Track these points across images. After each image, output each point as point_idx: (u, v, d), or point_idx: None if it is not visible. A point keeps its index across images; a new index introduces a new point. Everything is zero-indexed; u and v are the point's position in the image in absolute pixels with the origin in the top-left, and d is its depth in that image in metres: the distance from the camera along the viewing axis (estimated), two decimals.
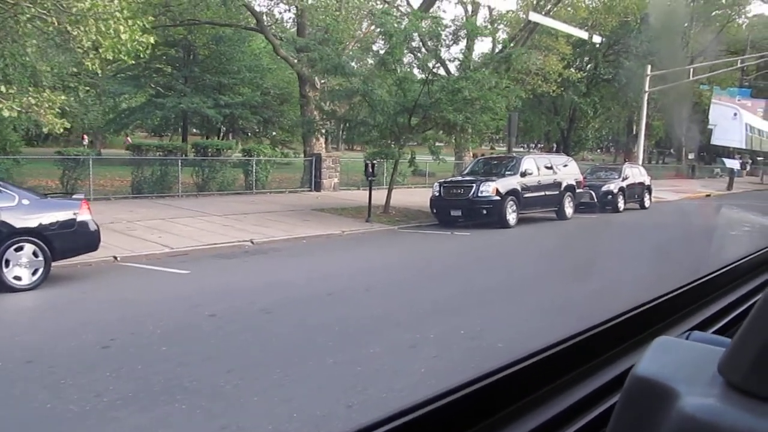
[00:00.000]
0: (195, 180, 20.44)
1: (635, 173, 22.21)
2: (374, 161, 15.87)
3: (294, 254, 11.62)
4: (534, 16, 28.47)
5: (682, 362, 0.73)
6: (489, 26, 27.28)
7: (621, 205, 20.61)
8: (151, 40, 12.12)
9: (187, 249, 11.60)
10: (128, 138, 42.67)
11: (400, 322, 6.53)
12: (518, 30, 28.78)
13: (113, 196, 17.96)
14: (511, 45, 29.07)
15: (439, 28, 16.48)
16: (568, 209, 17.75)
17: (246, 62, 35.73)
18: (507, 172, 16.25)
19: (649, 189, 22.72)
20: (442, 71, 18.83)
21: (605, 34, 32.60)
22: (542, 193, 16.59)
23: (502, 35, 29.49)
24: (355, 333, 6.20)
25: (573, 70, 28.53)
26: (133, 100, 40.32)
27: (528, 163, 16.35)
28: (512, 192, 15.49)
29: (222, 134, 43.54)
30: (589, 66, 33.05)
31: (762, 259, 1.87)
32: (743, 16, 38.39)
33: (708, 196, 32.02)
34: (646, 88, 27.84)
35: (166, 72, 40.40)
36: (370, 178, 15.75)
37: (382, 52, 15.69)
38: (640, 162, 28.07)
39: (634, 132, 43.06)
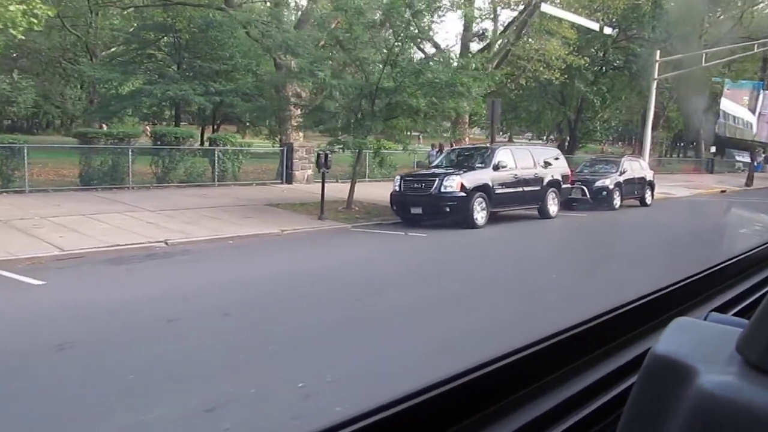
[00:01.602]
0: (154, 171, 18.95)
1: (635, 167, 20.17)
2: (328, 152, 14.13)
3: (203, 258, 10.00)
4: (546, 8, 26.42)
5: (700, 341, 0.74)
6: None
7: (617, 202, 18.65)
8: (50, 12, 10.51)
9: (83, 251, 10.04)
10: (147, 127, 40.94)
11: (226, 366, 4.85)
12: (518, 12, 26.72)
13: (52, 189, 16.49)
14: (508, 29, 27.31)
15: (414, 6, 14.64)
16: (552, 207, 15.87)
17: (241, 47, 34.04)
18: (478, 165, 14.42)
19: (650, 184, 20.68)
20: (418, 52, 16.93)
21: (614, 18, 30.38)
22: (520, 189, 14.74)
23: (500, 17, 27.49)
24: (154, 383, 4.54)
25: (576, 57, 26.27)
26: (125, 88, 39.04)
27: (502, 155, 14.49)
28: (481, 187, 13.67)
29: (217, 124, 42.11)
30: (596, 52, 30.76)
31: None
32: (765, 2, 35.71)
33: (723, 192, 29.78)
34: (655, 75, 25.65)
35: (158, 58, 39.06)
36: (322, 170, 14.04)
37: (334, 29, 13.84)
38: (647, 155, 25.96)
39: (661, 121, 40.74)
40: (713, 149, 44.52)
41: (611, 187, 18.51)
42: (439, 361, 4.66)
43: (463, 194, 13.23)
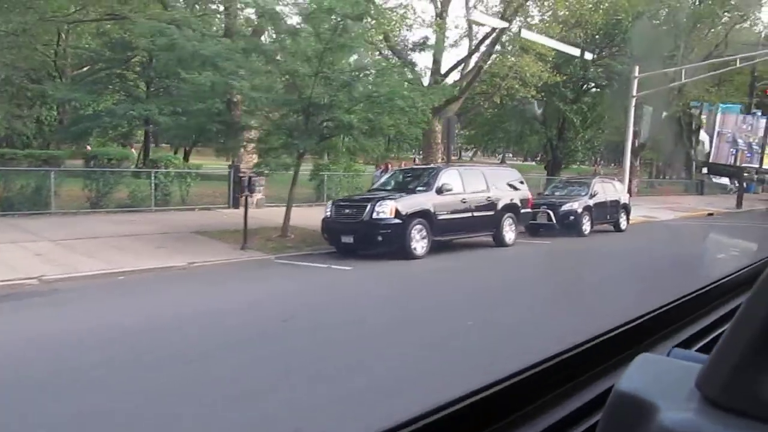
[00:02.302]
0: (88, 195, 17.52)
1: (608, 189, 18.72)
2: (252, 174, 12.70)
3: (70, 301, 8.52)
4: (526, 34, 25.19)
5: (662, 378, 0.74)
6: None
7: (586, 227, 17.15)
8: None
9: None
10: (88, 147, 39.81)
11: None
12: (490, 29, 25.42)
13: None
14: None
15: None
16: (509, 234, 14.39)
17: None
18: (419, 189, 12.98)
19: (625, 208, 19.22)
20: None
21: (595, 35, 29.18)
22: (469, 215, 13.26)
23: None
24: None
25: (552, 74, 24.93)
26: (93, 108, 37.83)
27: (447, 177, 13.03)
28: (421, 213, 12.20)
29: (190, 146, 40.78)
30: (576, 70, 29.44)
31: (745, 276, 1.84)
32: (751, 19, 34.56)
33: (710, 215, 28.34)
34: (634, 92, 24.34)
35: (127, 78, 38.05)
36: (244, 195, 12.60)
37: (251, 33, 12.42)
38: (627, 175, 24.55)
39: (636, 144, 39.52)
40: (705, 170, 43.31)
41: (579, 211, 17.04)
42: None
43: (398, 221, 11.76)
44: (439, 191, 12.66)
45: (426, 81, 26.27)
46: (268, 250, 12.82)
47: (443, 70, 27.08)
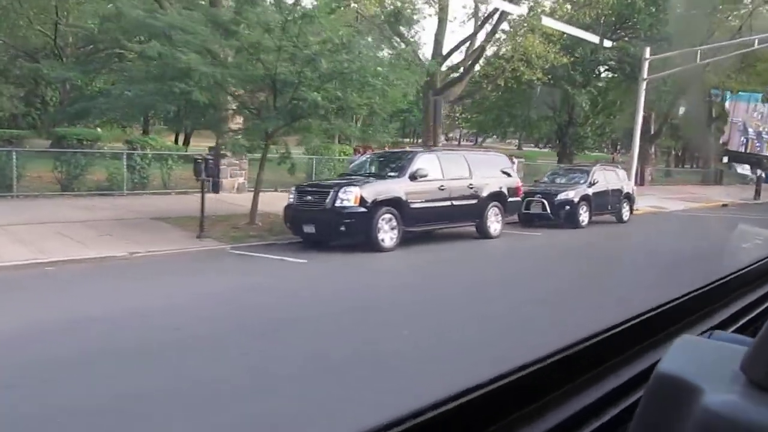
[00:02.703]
0: (58, 177, 16.69)
1: (610, 178, 17.46)
2: (210, 157, 11.71)
3: None
4: (547, 21, 23.78)
5: (705, 360, 0.74)
6: None
7: (584, 218, 15.94)
8: None
9: None
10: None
11: None
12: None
13: None
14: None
15: None
16: (494, 224, 13.26)
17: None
18: (390, 174, 11.88)
19: (629, 198, 17.95)
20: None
21: (607, 14, 27.63)
22: (447, 203, 12.15)
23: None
24: None
25: (558, 54, 23.50)
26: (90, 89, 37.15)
27: (423, 162, 11.91)
28: (390, 201, 11.12)
29: (190, 129, 39.97)
30: (587, 52, 27.90)
31: None
32: None
33: (725, 205, 26.86)
34: (645, 75, 22.90)
35: (127, 57, 37.35)
36: (201, 179, 11.61)
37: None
38: (635, 163, 23.20)
39: (653, 131, 37.94)
40: (725, 159, 41.67)
41: (576, 200, 15.83)
42: None
43: (363, 210, 10.69)
44: (413, 177, 11.55)
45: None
46: (227, 240, 11.84)
47: (446, 51, 25.92)
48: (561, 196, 15.78)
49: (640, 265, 10.70)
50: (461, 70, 25.31)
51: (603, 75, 30.96)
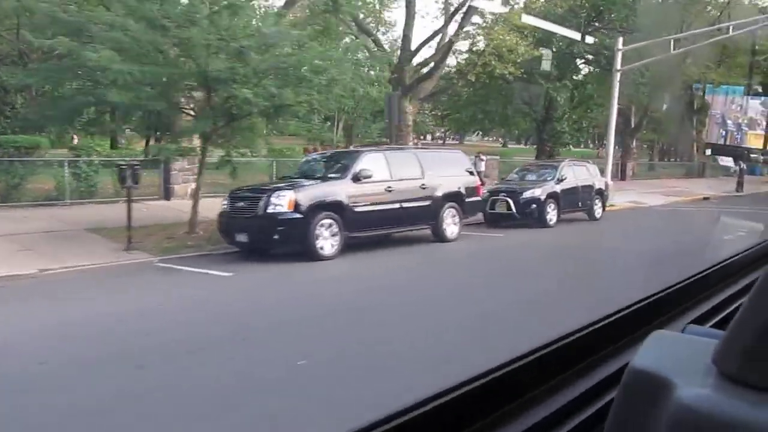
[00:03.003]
0: None
1: (580, 174, 16.65)
2: (136, 164, 10.84)
3: None
4: (527, 18, 22.98)
5: (678, 354, 0.74)
6: None
7: (551, 216, 15.13)
8: None
9: None
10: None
11: None
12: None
13: None
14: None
15: None
16: (451, 227, 12.42)
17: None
18: (331, 176, 11.02)
19: (601, 194, 17.14)
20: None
21: (578, 4, 26.91)
22: (396, 206, 11.29)
23: None
24: None
25: (525, 48, 22.70)
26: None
27: (368, 162, 11.05)
28: (329, 205, 10.26)
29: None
30: (562, 45, 27.13)
31: (758, 254, 1.85)
32: None
33: (706, 199, 26.14)
34: (618, 66, 22.12)
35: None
36: (127, 187, 10.72)
37: None
38: (610, 158, 22.42)
39: (633, 125, 37.27)
40: (708, 152, 41.15)
41: (543, 198, 15.01)
42: None
43: (298, 215, 9.82)
44: (357, 178, 10.68)
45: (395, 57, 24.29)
46: (158, 251, 10.95)
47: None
48: (527, 195, 14.96)
49: (600, 267, 9.88)
50: (431, 65, 24.50)
51: (580, 68, 30.17)
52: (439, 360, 4.83)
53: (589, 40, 27.74)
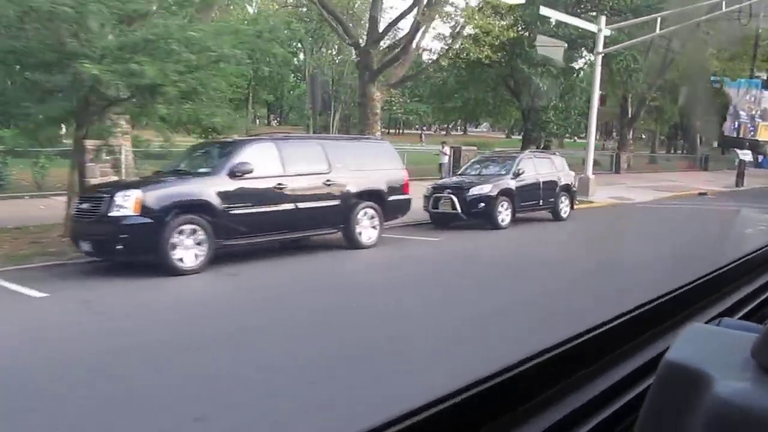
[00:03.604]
0: None
1: (542, 167, 14.62)
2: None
3: None
4: (545, 11, 20.88)
5: (714, 348, 0.73)
6: None
7: (504, 217, 13.14)
8: None
9: None
10: None
11: None
12: None
13: None
14: None
15: None
16: (367, 230, 10.48)
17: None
18: (201, 171, 9.13)
19: (568, 190, 15.09)
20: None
21: None
22: (290, 206, 9.36)
23: None
24: None
25: (501, 29, 20.63)
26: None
27: (249, 153, 9.12)
28: (192, 207, 8.37)
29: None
30: (544, 27, 24.96)
31: None
32: None
33: (703, 194, 23.99)
34: (600, 48, 20.02)
35: None
36: None
37: None
38: (592, 147, 20.33)
39: (630, 115, 35.06)
40: (715, 144, 38.93)
41: (493, 195, 13.02)
42: None
43: (148, 219, 7.94)
44: (234, 174, 8.77)
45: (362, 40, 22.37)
46: (5, 260, 9.15)
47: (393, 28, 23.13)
48: (474, 191, 12.98)
49: (528, 296, 7.85)
50: (398, 49, 22.53)
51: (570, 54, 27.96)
52: None
53: (606, 32, 25.65)
